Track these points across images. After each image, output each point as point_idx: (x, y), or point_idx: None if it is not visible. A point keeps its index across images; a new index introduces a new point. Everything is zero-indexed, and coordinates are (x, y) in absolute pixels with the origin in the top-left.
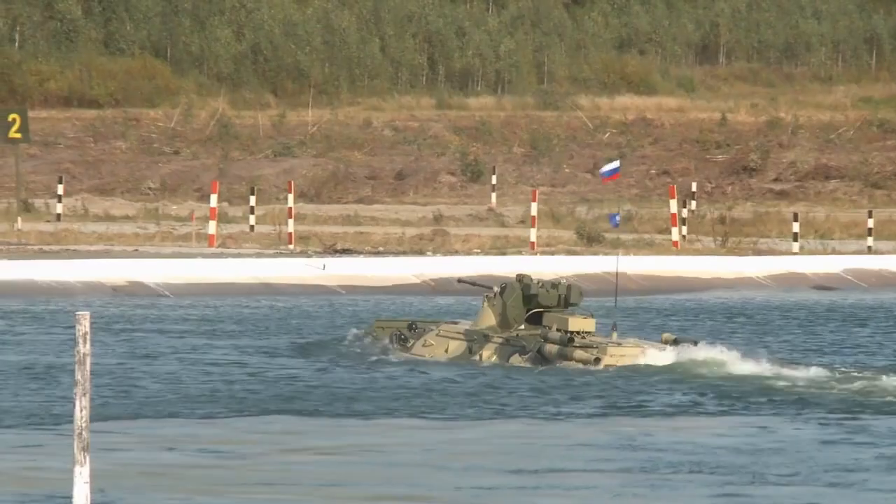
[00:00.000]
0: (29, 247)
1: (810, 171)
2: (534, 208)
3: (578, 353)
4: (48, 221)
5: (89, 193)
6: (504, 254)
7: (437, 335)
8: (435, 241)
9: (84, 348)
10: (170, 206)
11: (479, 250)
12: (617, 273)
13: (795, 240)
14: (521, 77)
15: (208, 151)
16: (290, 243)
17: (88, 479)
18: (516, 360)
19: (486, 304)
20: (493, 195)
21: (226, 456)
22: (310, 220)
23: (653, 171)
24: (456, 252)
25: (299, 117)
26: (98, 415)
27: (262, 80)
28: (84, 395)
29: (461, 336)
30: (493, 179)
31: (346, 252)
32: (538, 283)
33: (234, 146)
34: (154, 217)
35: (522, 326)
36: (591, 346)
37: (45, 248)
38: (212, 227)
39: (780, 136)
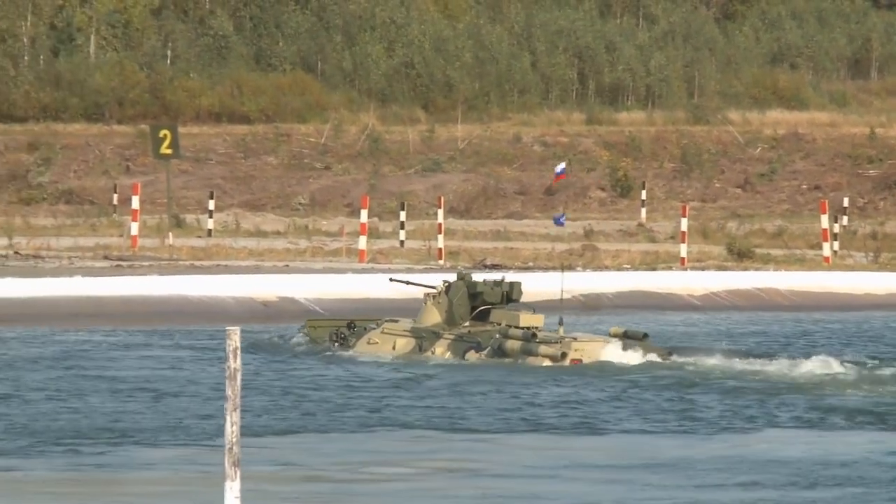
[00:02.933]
0: (180, 262)
1: None
2: (684, 224)
3: (544, 349)
4: (199, 237)
5: (240, 209)
6: (654, 269)
7: (381, 333)
8: (585, 256)
9: (235, 363)
10: (320, 222)
11: (628, 266)
12: (562, 276)
13: None
14: (672, 92)
15: (358, 167)
16: (440, 259)
17: (239, 494)
18: (472, 356)
19: (429, 302)
20: (643, 210)
21: (351, 469)
22: (459, 236)
23: (804, 187)
24: (606, 267)
25: (449, 132)
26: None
27: (413, 96)
28: (235, 410)
29: (408, 333)
30: (643, 195)
31: (495, 267)
32: (483, 280)
33: (385, 161)
34: (304, 232)
35: (467, 323)
36: (555, 342)
37: (197, 263)
38: (362, 242)
39: None
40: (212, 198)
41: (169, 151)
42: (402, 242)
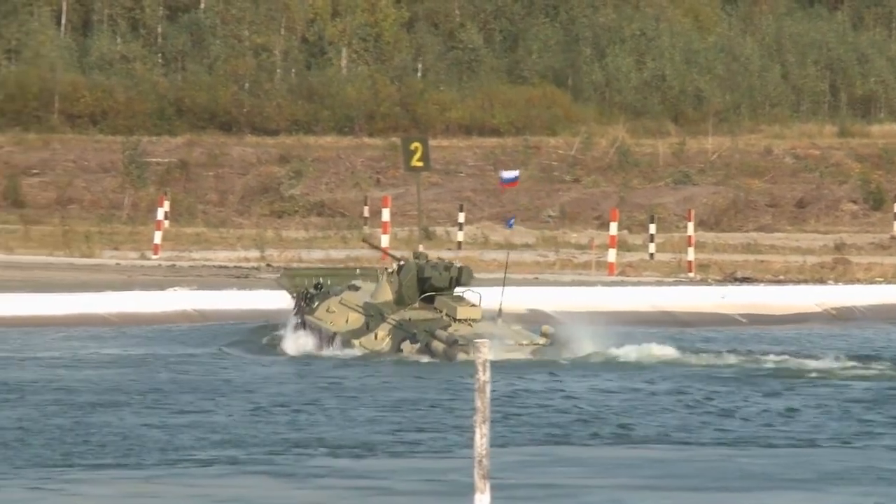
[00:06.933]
0: None
1: None
2: None
3: (462, 356)
4: (449, 249)
5: (490, 221)
6: None
7: (339, 303)
8: (836, 269)
9: (484, 375)
10: (569, 234)
11: (881, 279)
12: (506, 266)
13: None
14: None
15: (608, 179)
16: (690, 271)
17: None
18: (407, 346)
19: (384, 278)
20: None
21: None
22: (709, 249)
23: None
24: (858, 281)
25: (699, 145)
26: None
27: (663, 108)
28: (484, 422)
29: (360, 309)
30: None
31: (746, 280)
32: (432, 265)
33: (634, 174)
34: (553, 245)
35: (416, 304)
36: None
37: None
38: (611, 255)
39: None
40: (461, 210)
41: (420, 164)
42: (651, 255)
